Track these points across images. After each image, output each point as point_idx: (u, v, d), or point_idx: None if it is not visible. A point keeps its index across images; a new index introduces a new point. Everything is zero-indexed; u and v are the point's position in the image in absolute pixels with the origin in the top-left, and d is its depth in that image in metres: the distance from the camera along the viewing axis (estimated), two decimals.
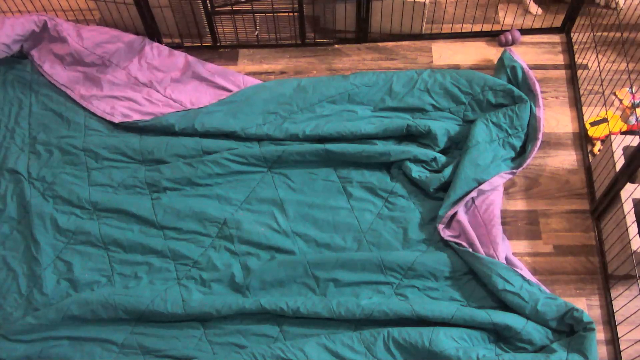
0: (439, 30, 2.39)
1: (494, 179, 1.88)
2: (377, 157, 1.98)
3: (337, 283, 1.77)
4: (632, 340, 1.68)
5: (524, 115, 1.96)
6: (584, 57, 2.27)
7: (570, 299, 1.71)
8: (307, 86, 2.16)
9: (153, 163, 2.06)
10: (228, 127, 2.07)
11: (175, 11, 2.29)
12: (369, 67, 2.33)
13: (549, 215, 1.93)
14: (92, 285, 1.82)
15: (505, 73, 2.10)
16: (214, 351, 1.70)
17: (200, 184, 1.99)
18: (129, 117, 2.14)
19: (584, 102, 2.15)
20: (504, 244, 1.81)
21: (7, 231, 1.94)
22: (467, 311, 1.66)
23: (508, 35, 2.32)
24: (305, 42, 2.39)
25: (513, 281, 1.68)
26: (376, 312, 1.67)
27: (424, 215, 1.90)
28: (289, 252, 1.84)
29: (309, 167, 2.03)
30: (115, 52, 2.24)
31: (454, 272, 1.77)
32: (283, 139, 2.06)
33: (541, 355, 1.58)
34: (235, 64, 2.37)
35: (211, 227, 1.90)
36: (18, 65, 2.31)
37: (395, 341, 1.63)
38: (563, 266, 1.84)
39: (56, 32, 2.27)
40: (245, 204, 1.96)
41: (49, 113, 2.20)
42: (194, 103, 2.17)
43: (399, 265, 1.77)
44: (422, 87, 2.10)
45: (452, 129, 2.02)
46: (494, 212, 1.84)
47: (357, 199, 1.95)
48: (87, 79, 2.24)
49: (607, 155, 1.85)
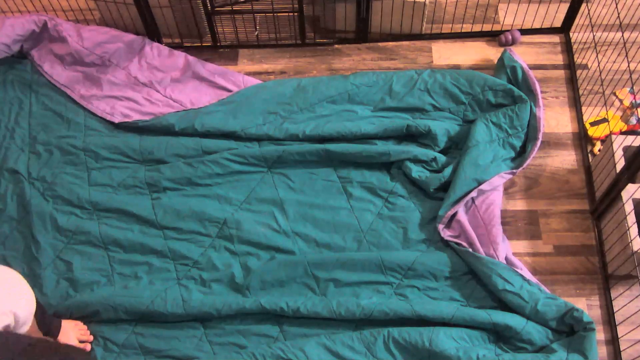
0: (439, 30, 2.39)
1: (494, 179, 1.88)
2: (377, 157, 1.98)
3: (337, 283, 1.77)
4: (632, 340, 1.68)
5: (524, 115, 1.96)
6: (583, 57, 2.27)
7: (570, 299, 1.71)
8: (307, 86, 2.16)
9: (153, 163, 2.06)
10: (228, 127, 2.07)
11: (175, 11, 2.29)
12: (369, 67, 2.33)
13: (549, 215, 1.93)
14: (92, 285, 1.82)
15: (505, 73, 2.10)
16: (214, 351, 1.70)
17: (200, 184, 1.99)
18: (129, 117, 2.14)
19: (584, 102, 2.15)
20: (504, 244, 1.81)
21: (7, 231, 1.94)
22: (467, 311, 1.66)
23: (508, 35, 2.32)
24: (305, 42, 2.39)
25: (513, 281, 1.68)
26: (376, 312, 1.67)
27: (424, 215, 1.90)
28: (289, 252, 1.84)
29: (309, 167, 2.03)
30: (115, 52, 2.24)
31: (454, 272, 1.77)
32: (283, 139, 2.06)
33: (541, 355, 1.58)
34: (235, 64, 2.37)
35: (211, 227, 1.90)
36: (18, 65, 2.31)
37: (395, 341, 1.63)
38: (563, 266, 1.84)
39: (56, 32, 2.27)
40: (245, 204, 1.96)
41: (49, 113, 2.20)
42: (194, 103, 2.17)
43: (399, 265, 1.77)
44: (422, 87, 2.10)
45: (452, 129, 2.02)
46: (494, 212, 1.84)
47: (357, 199, 1.95)
48: (87, 79, 2.24)
49: (607, 155, 1.85)
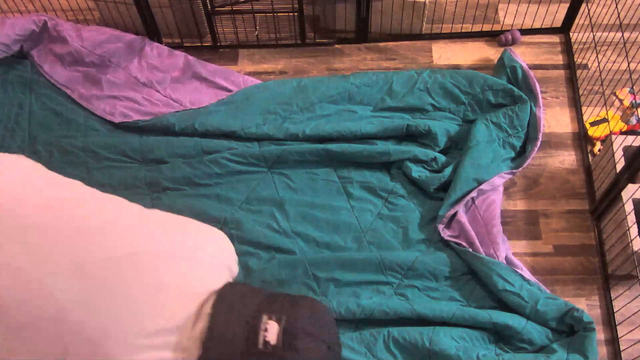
0: (439, 30, 2.39)
1: (494, 179, 1.88)
2: (377, 157, 1.98)
3: (337, 283, 1.77)
4: (632, 340, 1.68)
5: (524, 115, 1.96)
6: (583, 57, 2.27)
7: (570, 299, 1.71)
8: (307, 86, 2.16)
9: (153, 163, 2.06)
10: (228, 127, 2.07)
11: (175, 11, 2.29)
12: (369, 67, 2.33)
13: (549, 215, 1.93)
14: None
15: (505, 73, 2.10)
16: None
17: (200, 183, 1.99)
18: (129, 117, 2.14)
19: (584, 102, 2.15)
20: (504, 244, 1.81)
21: None
22: (467, 311, 1.66)
23: (508, 35, 2.32)
24: (305, 42, 2.39)
25: (513, 281, 1.68)
26: (376, 311, 1.67)
27: (424, 215, 1.90)
28: (289, 252, 1.84)
29: (309, 167, 2.03)
30: (115, 52, 2.24)
31: (454, 272, 1.77)
32: (283, 139, 2.06)
33: (541, 355, 1.58)
34: (235, 64, 2.37)
35: None
36: (18, 65, 2.31)
37: (396, 341, 1.63)
38: (563, 266, 1.84)
39: (56, 32, 2.27)
40: (246, 204, 1.96)
41: (49, 113, 2.20)
42: (194, 103, 2.17)
43: (399, 265, 1.77)
44: (422, 87, 2.11)
45: (452, 129, 2.02)
46: (494, 212, 1.84)
47: (357, 199, 1.95)
48: (87, 79, 2.24)
49: (607, 155, 1.85)
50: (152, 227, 1.54)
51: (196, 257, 1.50)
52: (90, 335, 1.32)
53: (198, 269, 1.49)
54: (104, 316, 1.33)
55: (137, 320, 1.35)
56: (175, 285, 1.43)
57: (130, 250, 1.43)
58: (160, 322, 1.37)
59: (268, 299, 1.47)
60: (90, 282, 1.35)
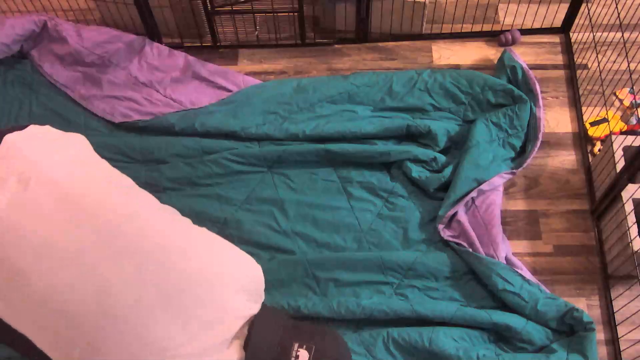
0: (439, 30, 2.39)
1: (494, 179, 1.88)
2: (377, 157, 1.98)
3: (337, 283, 1.77)
4: (632, 340, 1.68)
5: (524, 115, 1.96)
6: (583, 57, 2.27)
7: (570, 299, 1.71)
8: (307, 86, 2.16)
9: (153, 163, 2.06)
10: (228, 127, 2.07)
11: (175, 11, 2.29)
12: (369, 67, 2.33)
13: (549, 215, 1.93)
14: None
15: (505, 73, 2.10)
16: None
17: (200, 184, 1.99)
18: (129, 117, 2.14)
19: (584, 102, 2.15)
20: (504, 244, 1.81)
21: None
22: (467, 311, 1.66)
23: (508, 35, 2.32)
24: (305, 42, 2.39)
25: (513, 281, 1.69)
26: (376, 311, 1.67)
27: (424, 215, 1.90)
28: (289, 252, 1.85)
29: (309, 167, 2.03)
30: (115, 52, 2.24)
31: (454, 272, 1.77)
32: (283, 139, 2.06)
33: (541, 355, 1.58)
34: (235, 64, 2.37)
35: (211, 227, 1.90)
36: (18, 65, 2.31)
37: (395, 341, 1.63)
38: (563, 266, 1.84)
39: (56, 32, 2.27)
40: (246, 204, 1.96)
41: (49, 113, 2.20)
42: (194, 103, 2.17)
43: (399, 265, 1.77)
44: (422, 87, 2.11)
45: (452, 129, 2.02)
46: (494, 212, 1.84)
47: (357, 199, 1.95)
48: (87, 79, 2.24)
49: (607, 155, 1.85)
50: (201, 248, 1.54)
51: (242, 285, 1.51)
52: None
53: (242, 295, 1.50)
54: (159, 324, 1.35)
55: (190, 335, 1.37)
56: (230, 307, 1.45)
57: (195, 267, 1.44)
58: (209, 339, 1.39)
59: (294, 326, 1.51)
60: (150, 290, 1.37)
